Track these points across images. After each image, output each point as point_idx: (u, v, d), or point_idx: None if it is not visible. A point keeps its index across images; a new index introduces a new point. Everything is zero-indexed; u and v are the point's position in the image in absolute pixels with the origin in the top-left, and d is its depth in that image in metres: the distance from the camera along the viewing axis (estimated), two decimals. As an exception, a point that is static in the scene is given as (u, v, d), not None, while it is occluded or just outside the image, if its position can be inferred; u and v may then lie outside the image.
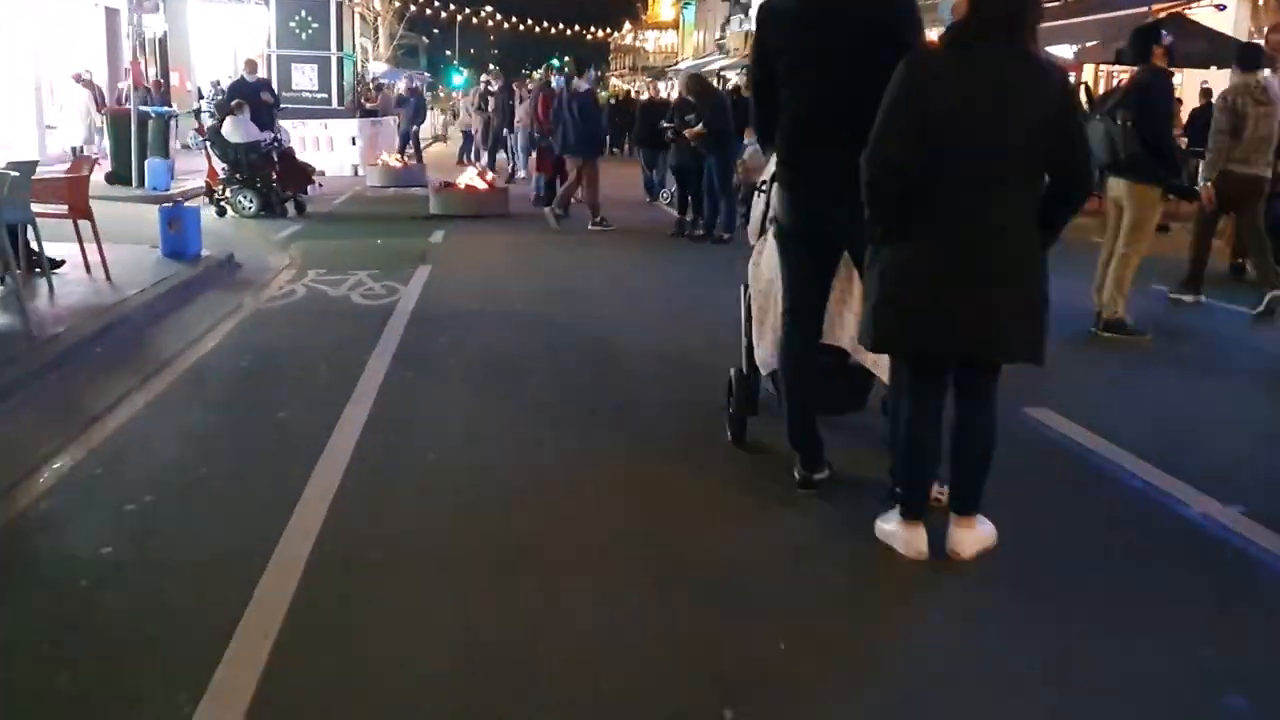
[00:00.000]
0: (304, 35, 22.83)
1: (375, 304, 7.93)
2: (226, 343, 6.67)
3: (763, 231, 4.46)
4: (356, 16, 34.20)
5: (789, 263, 3.97)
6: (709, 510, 4.02)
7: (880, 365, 4.19)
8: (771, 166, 4.44)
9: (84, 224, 8.16)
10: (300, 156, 17.67)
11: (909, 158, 3.31)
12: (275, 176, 13.34)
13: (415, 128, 22.82)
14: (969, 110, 3.24)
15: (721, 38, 49.98)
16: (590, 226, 12.52)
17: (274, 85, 20.96)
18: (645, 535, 3.78)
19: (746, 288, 4.69)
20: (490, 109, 19.96)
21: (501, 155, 20.08)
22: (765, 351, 4.34)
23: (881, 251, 3.43)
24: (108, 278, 8.02)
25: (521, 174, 18.54)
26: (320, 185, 15.11)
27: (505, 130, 19.31)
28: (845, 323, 4.22)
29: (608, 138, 18.30)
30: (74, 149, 18.99)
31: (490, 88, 20.46)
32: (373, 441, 4.67)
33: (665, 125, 12.10)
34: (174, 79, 23.41)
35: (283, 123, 17.82)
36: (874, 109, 3.36)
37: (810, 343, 4.01)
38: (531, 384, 5.79)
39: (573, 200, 14.32)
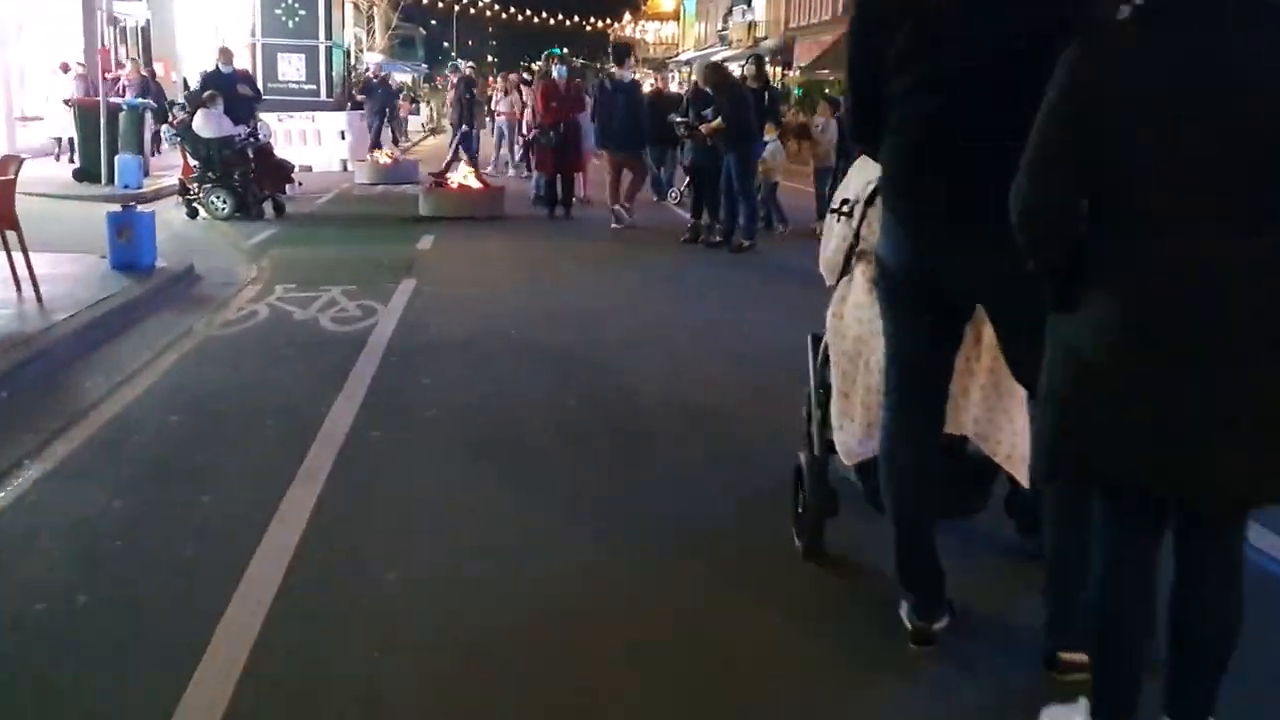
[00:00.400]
0: (290, 23, 21.62)
1: (347, 330, 6.75)
2: (161, 385, 5.49)
3: (846, 270, 3.29)
4: (349, 5, 32.97)
5: (897, 323, 2.79)
6: (779, 677, 2.82)
7: (1016, 460, 3.04)
8: (858, 177, 3.28)
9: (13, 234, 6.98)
10: (286, 150, 16.52)
11: (1082, 186, 2.16)
12: (252, 174, 12.16)
13: (388, 123, 21.41)
14: (1180, 109, 2.06)
15: (724, 28, 48.80)
16: (614, 225, 11.81)
17: (258, 75, 19.87)
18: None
19: (818, 341, 3.53)
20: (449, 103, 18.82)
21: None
22: (852, 437, 3.17)
23: (1057, 325, 2.26)
24: (38, 298, 6.84)
25: (511, 173, 17.42)
26: (301, 184, 13.91)
27: (464, 127, 18.13)
28: (969, 401, 3.06)
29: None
30: (58, 140, 17.99)
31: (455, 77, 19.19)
32: (318, 548, 3.50)
33: (680, 120, 10.91)
34: (158, 69, 22.18)
35: (267, 116, 16.67)
36: (1034, 110, 2.20)
37: (927, 439, 2.82)
38: (531, 449, 4.61)
39: (577, 200, 13.22)
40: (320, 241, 10.66)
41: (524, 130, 17.35)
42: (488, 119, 18.74)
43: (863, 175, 3.31)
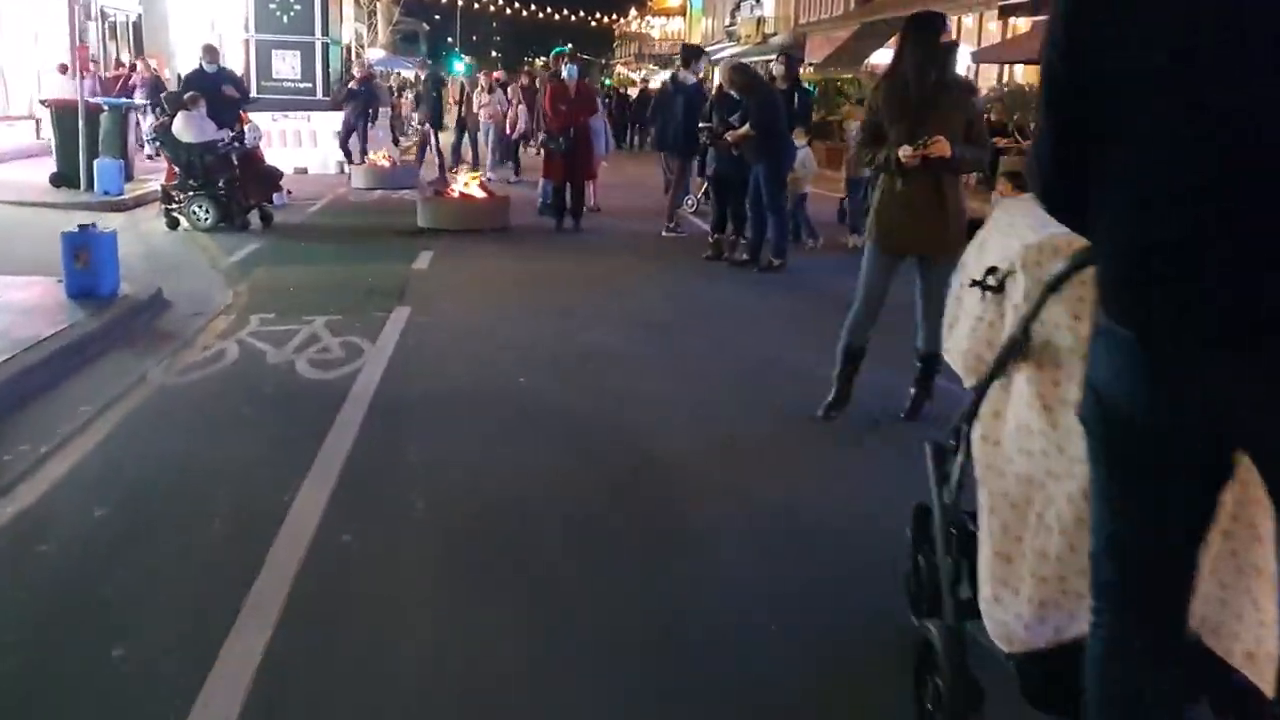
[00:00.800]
0: (285, 18, 20.56)
1: (326, 378, 5.78)
2: (94, 459, 4.52)
3: (1000, 372, 2.32)
4: (349, -1, 31.99)
5: (1120, 492, 1.79)
6: None
7: (1260, 660, 2.07)
8: (1004, 237, 2.33)
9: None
10: (280, 152, 15.53)
11: None
12: (237, 182, 11.19)
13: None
14: None
15: (731, 24, 47.76)
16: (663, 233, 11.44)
17: (251, 73, 18.92)
18: None
19: (942, 456, 2.57)
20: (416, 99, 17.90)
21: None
22: (1014, 617, 2.19)
23: None
24: (-30, 337, 5.91)
25: (492, 176, 16.46)
26: (290, 193, 12.93)
27: (426, 125, 17.14)
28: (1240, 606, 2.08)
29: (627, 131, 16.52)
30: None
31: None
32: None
33: (703, 126, 9.91)
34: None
35: (260, 115, 15.69)
36: None
37: (1163, 660, 1.84)
38: (541, 565, 3.58)
39: (587, 209, 12.26)
40: (307, 259, 9.70)
41: (508, 130, 16.65)
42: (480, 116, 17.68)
43: (1012, 235, 2.34)
